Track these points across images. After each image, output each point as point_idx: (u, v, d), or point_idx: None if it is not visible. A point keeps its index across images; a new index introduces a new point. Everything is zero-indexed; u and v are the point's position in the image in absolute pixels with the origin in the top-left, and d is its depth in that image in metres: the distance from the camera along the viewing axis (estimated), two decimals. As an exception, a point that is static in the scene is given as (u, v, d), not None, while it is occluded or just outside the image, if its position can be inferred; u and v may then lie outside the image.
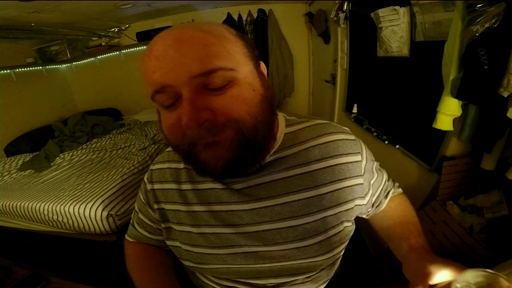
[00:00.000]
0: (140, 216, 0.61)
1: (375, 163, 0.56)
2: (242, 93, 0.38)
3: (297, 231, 0.47)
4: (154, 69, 0.37)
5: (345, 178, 0.48)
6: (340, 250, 0.51)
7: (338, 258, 0.57)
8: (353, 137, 0.51)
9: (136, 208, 0.62)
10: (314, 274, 0.52)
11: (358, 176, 0.49)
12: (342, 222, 0.49)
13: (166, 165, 0.56)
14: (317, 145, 0.49)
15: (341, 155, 0.48)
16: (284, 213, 0.47)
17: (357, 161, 0.49)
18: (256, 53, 0.44)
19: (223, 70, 0.37)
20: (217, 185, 0.50)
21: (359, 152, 0.50)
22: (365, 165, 0.51)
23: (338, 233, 0.49)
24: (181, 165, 0.54)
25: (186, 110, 0.36)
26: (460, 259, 0.86)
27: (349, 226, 0.51)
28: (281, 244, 0.48)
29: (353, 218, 0.52)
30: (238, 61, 0.39)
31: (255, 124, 0.39)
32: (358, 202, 0.50)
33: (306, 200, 0.47)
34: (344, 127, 0.53)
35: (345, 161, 0.48)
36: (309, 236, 0.47)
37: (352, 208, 0.49)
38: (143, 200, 0.59)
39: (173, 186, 0.53)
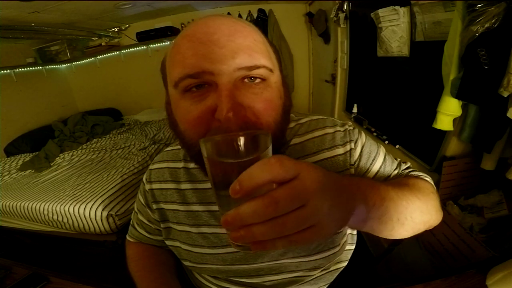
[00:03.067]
0: (140, 216, 0.61)
1: (380, 151, 0.51)
2: (273, 98, 0.38)
3: None
4: (194, 51, 0.34)
5: (343, 170, 0.47)
6: (339, 249, 0.50)
7: (340, 262, 0.55)
8: (347, 128, 0.50)
9: (136, 209, 0.62)
10: (315, 275, 0.52)
11: (351, 166, 0.48)
12: None
13: (164, 165, 0.56)
14: (311, 138, 0.49)
15: (335, 146, 0.48)
16: None
17: (350, 149, 0.48)
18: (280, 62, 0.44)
19: (265, 69, 0.36)
20: None
21: (352, 140, 0.48)
22: (361, 151, 0.49)
23: None
24: (180, 165, 0.54)
25: (225, 101, 0.33)
26: (460, 259, 0.86)
27: None
28: None
29: None
30: (274, 65, 0.39)
31: (276, 132, 0.39)
32: None
33: None
34: (342, 120, 0.52)
35: (341, 152, 0.48)
36: None
37: None
38: (142, 201, 0.59)
39: (171, 185, 0.53)
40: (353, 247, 0.55)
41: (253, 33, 0.38)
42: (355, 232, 0.52)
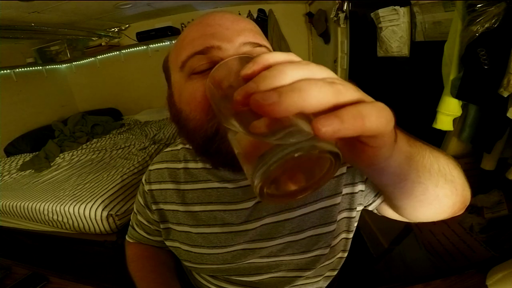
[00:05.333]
0: (139, 217, 0.61)
1: None
2: None
3: (293, 223, 0.47)
4: (202, 33, 0.37)
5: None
6: (336, 244, 0.50)
7: (334, 270, 0.54)
8: None
9: (135, 210, 0.62)
10: (311, 277, 0.51)
11: None
12: (341, 211, 0.48)
13: (164, 165, 0.56)
14: None
15: None
16: (281, 205, 0.47)
17: None
18: None
19: (267, 49, 0.39)
20: (220, 185, 0.50)
21: None
22: None
23: (336, 222, 0.47)
24: (180, 165, 0.54)
25: None
26: (460, 259, 0.86)
27: (348, 218, 0.49)
28: (278, 238, 0.47)
29: (356, 206, 0.48)
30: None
31: None
32: (360, 187, 0.47)
33: None
34: None
35: None
36: (306, 228, 0.47)
37: (356, 193, 0.47)
38: (141, 202, 0.59)
39: (171, 186, 0.53)
40: (345, 255, 0.53)
41: (253, 23, 0.42)
42: (350, 236, 0.51)
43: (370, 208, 0.49)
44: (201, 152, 0.41)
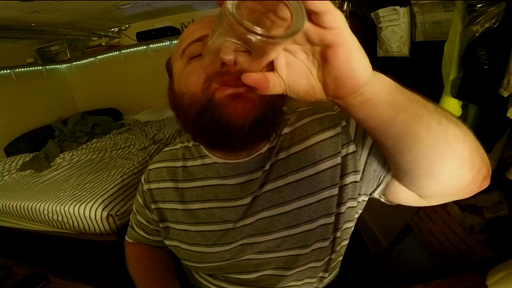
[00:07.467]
0: (138, 217, 0.61)
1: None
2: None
3: (288, 217, 0.47)
4: (198, 27, 0.41)
5: (334, 154, 0.46)
6: (333, 239, 0.49)
7: (337, 259, 0.54)
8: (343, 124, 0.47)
9: (134, 210, 0.62)
10: (307, 274, 0.51)
11: (349, 142, 0.46)
12: (337, 205, 0.46)
13: (162, 164, 0.56)
14: (300, 126, 0.50)
15: (324, 130, 0.47)
16: (275, 199, 0.47)
17: (343, 127, 0.47)
18: None
19: None
20: (218, 181, 0.50)
21: (343, 118, 0.47)
22: (355, 133, 0.46)
23: (334, 214, 0.46)
24: (178, 164, 0.54)
25: (230, 45, 0.35)
26: (460, 259, 0.86)
27: (345, 211, 0.47)
28: (274, 233, 0.47)
29: (347, 201, 0.46)
30: None
31: (268, 109, 0.39)
32: (352, 177, 0.45)
33: (295, 183, 0.47)
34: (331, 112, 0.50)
35: (331, 135, 0.47)
36: (302, 222, 0.46)
37: (347, 185, 0.45)
38: (140, 202, 0.59)
39: (170, 184, 0.53)
40: (333, 256, 0.52)
41: None
42: (338, 235, 0.49)
43: (376, 194, 0.45)
44: (196, 128, 0.41)
